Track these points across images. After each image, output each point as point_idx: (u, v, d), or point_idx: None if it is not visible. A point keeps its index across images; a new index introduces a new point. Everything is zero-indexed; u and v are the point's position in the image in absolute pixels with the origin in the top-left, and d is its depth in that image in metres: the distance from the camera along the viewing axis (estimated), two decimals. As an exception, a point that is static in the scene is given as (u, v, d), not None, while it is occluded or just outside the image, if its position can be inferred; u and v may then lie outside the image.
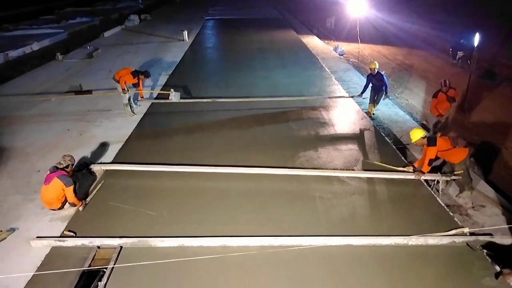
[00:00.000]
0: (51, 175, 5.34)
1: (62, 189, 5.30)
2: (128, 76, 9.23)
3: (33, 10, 31.46)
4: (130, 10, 31.42)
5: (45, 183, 5.35)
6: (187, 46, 17.58)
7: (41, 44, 18.12)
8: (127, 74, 9.23)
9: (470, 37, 10.60)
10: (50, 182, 5.29)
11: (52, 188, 5.29)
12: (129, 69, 9.49)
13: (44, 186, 5.35)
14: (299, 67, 13.57)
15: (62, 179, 5.26)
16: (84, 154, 7.25)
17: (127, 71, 9.34)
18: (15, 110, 9.56)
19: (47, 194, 5.34)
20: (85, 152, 7.35)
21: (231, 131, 8.36)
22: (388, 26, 20.36)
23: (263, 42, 18.70)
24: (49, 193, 5.33)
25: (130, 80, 9.27)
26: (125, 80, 9.11)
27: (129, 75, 9.24)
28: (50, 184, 5.28)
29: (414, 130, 6.18)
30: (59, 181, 5.25)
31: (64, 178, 5.30)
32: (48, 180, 5.32)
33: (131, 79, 9.28)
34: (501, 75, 12.89)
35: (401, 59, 15.96)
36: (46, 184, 5.32)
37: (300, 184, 6.22)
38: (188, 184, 6.25)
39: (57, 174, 5.31)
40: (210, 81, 12.18)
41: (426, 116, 9.76)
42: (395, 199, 5.84)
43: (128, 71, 9.34)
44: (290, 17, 28.83)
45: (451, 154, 5.95)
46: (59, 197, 5.38)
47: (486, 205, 5.86)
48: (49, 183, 5.29)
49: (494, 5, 19.58)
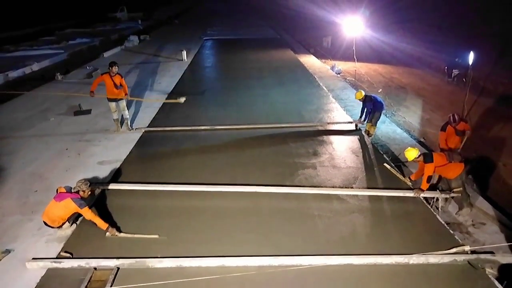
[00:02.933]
0: (65, 194, 5.27)
1: (72, 211, 5.23)
2: (99, 78, 8.94)
3: (33, 31, 31.89)
4: (129, 31, 31.86)
5: (56, 199, 5.26)
6: (186, 66, 17.78)
7: (41, 64, 18.28)
8: (99, 81, 8.95)
9: (465, 56, 10.79)
10: (62, 200, 5.21)
11: (62, 207, 5.21)
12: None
13: (54, 201, 5.27)
14: (296, 86, 13.71)
15: (75, 202, 5.19)
16: (82, 173, 7.22)
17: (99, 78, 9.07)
18: (13, 130, 9.57)
19: (54, 210, 5.25)
20: (83, 171, 7.32)
21: (229, 149, 8.36)
22: (384, 45, 20.69)
23: (261, 61, 18.94)
24: (56, 210, 5.24)
25: (107, 81, 8.78)
26: (104, 83, 8.79)
27: (100, 77, 8.95)
28: (62, 203, 5.20)
29: (408, 149, 6.24)
30: (72, 203, 5.17)
31: (77, 201, 5.22)
32: (60, 197, 5.24)
33: (106, 79, 8.78)
34: (496, 92, 13.05)
35: (397, 77, 16.17)
36: (58, 201, 5.23)
37: (299, 202, 6.19)
38: (186, 203, 6.21)
39: (72, 196, 5.25)
40: (208, 100, 12.27)
41: (424, 133, 9.82)
42: (394, 217, 5.81)
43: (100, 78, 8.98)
44: (287, 37, 29.29)
45: (447, 170, 5.98)
46: (64, 216, 5.30)
47: (487, 223, 5.83)
48: (60, 201, 5.21)
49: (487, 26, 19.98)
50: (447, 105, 12.23)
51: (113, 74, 8.77)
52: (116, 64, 8.85)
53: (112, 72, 8.75)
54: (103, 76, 8.85)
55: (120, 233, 5.34)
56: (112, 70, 8.74)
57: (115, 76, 8.81)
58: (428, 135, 9.77)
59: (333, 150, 8.24)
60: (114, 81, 8.79)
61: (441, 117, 11.06)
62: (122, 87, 9.01)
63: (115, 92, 8.87)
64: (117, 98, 8.98)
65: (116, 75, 8.81)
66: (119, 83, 8.90)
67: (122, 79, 8.99)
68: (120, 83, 8.91)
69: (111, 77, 8.76)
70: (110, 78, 8.76)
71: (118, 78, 8.87)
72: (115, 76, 8.81)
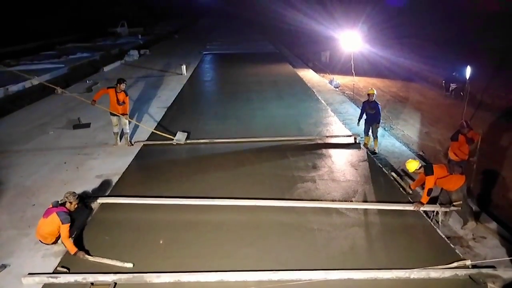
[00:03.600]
0: (51, 209, 5.25)
1: (58, 226, 5.19)
2: (104, 91, 8.98)
3: (35, 46, 32.16)
4: (129, 45, 32.15)
5: (44, 216, 5.25)
6: (186, 80, 17.89)
7: (41, 78, 18.33)
8: (103, 92, 9.01)
9: (462, 70, 10.89)
10: (49, 216, 5.19)
11: (49, 223, 5.18)
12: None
13: (42, 219, 5.26)
14: (295, 99, 13.78)
15: (60, 215, 5.14)
16: (81, 187, 7.18)
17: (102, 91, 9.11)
18: (12, 144, 9.56)
19: (44, 227, 5.24)
20: (81, 185, 7.28)
21: (228, 163, 8.35)
22: (382, 60, 20.90)
23: (259, 75, 19.08)
24: (45, 227, 5.22)
25: (111, 96, 8.84)
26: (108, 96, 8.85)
27: (105, 90, 8.99)
28: (48, 219, 5.19)
29: (409, 161, 6.29)
30: (56, 217, 5.13)
31: (62, 214, 5.17)
32: (47, 213, 5.23)
33: (111, 94, 8.85)
34: (493, 106, 13.13)
35: (395, 91, 16.28)
36: (45, 218, 5.23)
37: (298, 216, 6.15)
38: (184, 217, 6.17)
39: (57, 209, 5.22)
40: (208, 113, 12.31)
41: (422, 147, 9.83)
42: (394, 231, 5.77)
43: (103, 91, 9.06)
44: (285, 51, 29.58)
45: (448, 182, 5.95)
46: (54, 232, 5.26)
47: (487, 237, 5.78)
48: (47, 217, 5.20)
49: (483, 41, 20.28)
50: (446, 118, 12.29)
51: (119, 91, 8.85)
52: (124, 82, 8.94)
53: (118, 88, 8.82)
54: (109, 90, 8.91)
55: (90, 256, 5.14)
56: (119, 87, 8.81)
57: (120, 93, 8.88)
58: (427, 148, 9.78)
59: (332, 164, 8.24)
60: (118, 97, 8.85)
61: (440, 130, 11.10)
62: (125, 104, 9.05)
63: (117, 107, 8.92)
64: (117, 114, 9.02)
65: (121, 92, 8.89)
66: (123, 100, 8.95)
67: (126, 97, 9.05)
68: (123, 100, 8.96)
69: (116, 93, 8.83)
70: (115, 93, 8.83)
71: (122, 95, 8.93)
72: (120, 93, 8.88)
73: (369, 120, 9.15)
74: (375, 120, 9.01)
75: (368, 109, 9.06)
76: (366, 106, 9.13)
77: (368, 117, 9.15)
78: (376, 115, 8.98)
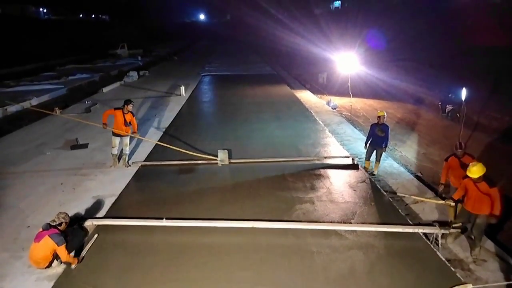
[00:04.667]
0: (42, 233, 5.17)
1: (52, 249, 5.10)
2: (111, 111, 9.03)
3: (35, 68, 32.51)
4: (129, 67, 32.59)
5: (35, 240, 5.17)
6: (184, 101, 18.02)
7: (40, 99, 18.46)
8: (109, 113, 9.06)
9: (457, 92, 11.03)
10: (41, 240, 5.11)
11: (42, 247, 5.10)
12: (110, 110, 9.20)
13: (34, 243, 5.17)
14: (293, 120, 13.86)
15: (53, 238, 5.08)
16: (76, 208, 7.11)
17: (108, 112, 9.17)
18: (9, 165, 9.50)
19: (36, 252, 5.14)
20: (77, 206, 7.21)
21: (226, 183, 8.31)
22: (378, 82, 21.17)
23: (258, 96, 19.25)
24: (38, 251, 5.13)
25: (118, 116, 8.89)
26: (114, 117, 8.91)
27: (112, 111, 9.04)
28: (41, 242, 5.10)
29: (476, 164, 5.62)
30: (50, 240, 5.07)
31: (55, 237, 5.11)
32: (39, 237, 5.15)
33: (118, 114, 8.90)
34: (490, 127, 13.23)
35: (392, 112, 16.41)
36: (36, 242, 5.14)
37: (297, 238, 6.08)
38: (181, 239, 6.08)
39: (49, 232, 5.14)
40: (206, 134, 12.33)
41: (420, 168, 9.83)
42: (394, 253, 5.69)
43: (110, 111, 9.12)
44: (283, 73, 29.95)
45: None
46: (47, 257, 5.17)
47: (488, 260, 5.71)
48: (39, 241, 5.11)
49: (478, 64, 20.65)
50: (443, 139, 12.35)
51: (126, 112, 8.96)
52: (132, 103, 9.10)
53: (126, 109, 8.95)
54: (116, 111, 8.99)
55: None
56: (127, 108, 8.95)
57: (128, 114, 8.99)
58: (425, 169, 9.78)
59: (330, 185, 8.20)
60: (125, 118, 8.95)
61: (437, 151, 11.14)
62: (131, 125, 9.16)
63: (123, 128, 8.99)
64: (122, 135, 9.05)
65: (128, 113, 9.00)
66: (129, 121, 9.05)
67: (133, 118, 9.16)
68: (130, 121, 9.07)
69: (123, 114, 8.93)
70: (122, 114, 8.93)
71: (129, 116, 9.04)
72: (128, 114, 8.99)
73: (374, 144, 8.93)
74: (382, 143, 8.81)
75: (377, 131, 8.78)
76: (375, 128, 8.82)
77: (375, 140, 8.89)
78: (384, 138, 8.77)
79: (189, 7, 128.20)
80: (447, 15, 28.90)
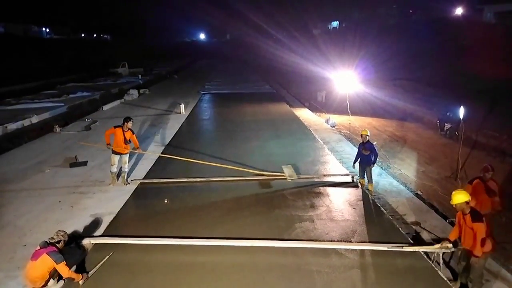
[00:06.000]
0: (40, 251, 5.08)
1: (50, 267, 5.02)
2: (111, 130, 8.98)
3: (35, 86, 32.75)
4: (129, 85, 32.84)
5: (32, 258, 5.07)
6: (184, 118, 18.12)
7: (41, 117, 18.54)
8: (110, 132, 9.02)
9: (456, 110, 11.11)
10: (38, 258, 5.02)
11: (40, 265, 5.00)
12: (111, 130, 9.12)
13: (31, 262, 5.07)
14: (292, 138, 13.90)
15: (52, 256, 5.00)
16: (74, 226, 7.05)
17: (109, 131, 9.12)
18: (7, 183, 9.47)
19: (33, 271, 5.04)
20: (74, 224, 7.15)
21: (224, 202, 8.27)
22: (376, 100, 21.36)
23: (257, 114, 19.36)
24: (35, 270, 5.03)
25: (118, 134, 8.86)
26: (114, 136, 8.89)
27: (112, 130, 8.99)
28: (38, 261, 5.01)
29: (457, 192, 5.10)
30: (48, 258, 4.98)
31: (54, 254, 5.03)
32: (36, 256, 5.05)
33: (118, 132, 8.88)
34: (489, 146, 13.27)
35: (391, 130, 16.48)
36: (34, 260, 5.04)
37: (296, 257, 6.01)
38: (180, 258, 6.01)
39: (47, 250, 5.07)
40: (205, 152, 12.34)
41: (420, 186, 9.81)
42: (395, 272, 5.62)
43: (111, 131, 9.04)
44: (282, 91, 30.22)
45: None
46: (44, 275, 5.07)
47: (490, 280, 5.64)
48: (37, 259, 5.02)
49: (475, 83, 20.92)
50: (441, 157, 12.36)
51: (126, 129, 8.97)
52: (131, 120, 9.11)
53: (125, 127, 8.96)
54: (116, 129, 8.99)
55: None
56: (126, 125, 8.96)
57: (127, 132, 9.00)
58: (424, 187, 9.75)
59: (330, 203, 8.17)
60: (125, 136, 8.95)
61: (436, 169, 11.13)
62: (132, 142, 9.16)
63: (122, 146, 8.98)
64: (122, 153, 9.04)
65: (128, 130, 9.01)
66: (129, 138, 9.05)
67: (133, 136, 9.17)
68: (130, 138, 9.07)
69: (123, 131, 8.93)
70: (122, 132, 8.93)
71: (129, 133, 9.05)
72: (127, 131, 9.00)
73: (362, 162, 9.00)
74: (369, 162, 8.83)
75: (362, 150, 8.90)
76: (360, 147, 9.02)
77: (362, 159, 8.98)
78: (369, 156, 8.79)
79: (190, 27, 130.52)
80: (443, 35, 29.47)
